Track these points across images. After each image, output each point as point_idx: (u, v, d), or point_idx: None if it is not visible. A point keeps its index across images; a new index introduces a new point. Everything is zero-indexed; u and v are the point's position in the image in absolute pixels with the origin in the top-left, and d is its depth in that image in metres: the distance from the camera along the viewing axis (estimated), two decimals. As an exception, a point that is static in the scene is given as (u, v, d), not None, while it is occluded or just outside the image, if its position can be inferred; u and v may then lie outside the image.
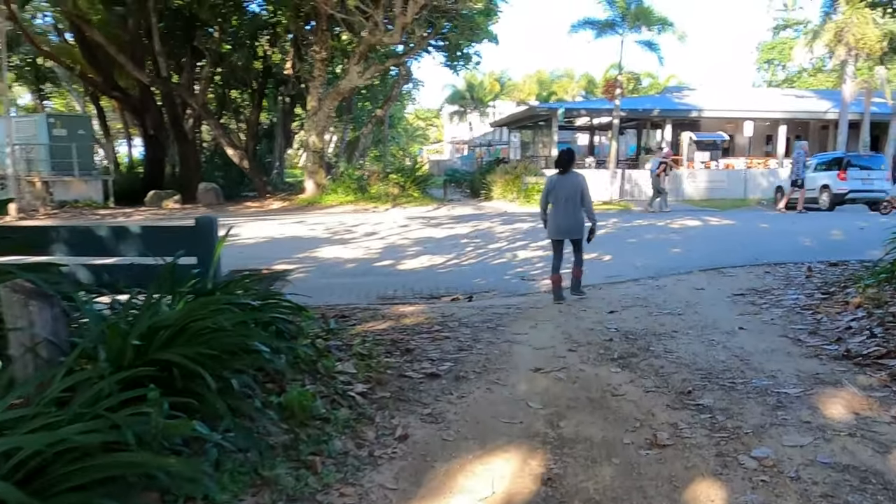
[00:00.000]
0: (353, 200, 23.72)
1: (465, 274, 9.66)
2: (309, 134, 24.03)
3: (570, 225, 7.55)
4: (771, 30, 60.55)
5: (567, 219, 7.52)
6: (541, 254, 11.34)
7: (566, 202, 7.46)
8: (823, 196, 21.18)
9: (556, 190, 7.53)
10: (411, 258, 11.03)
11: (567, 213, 7.50)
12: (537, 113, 29.68)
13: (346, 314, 6.35)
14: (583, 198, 7.49)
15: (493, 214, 19.47)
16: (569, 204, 7.46)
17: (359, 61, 21.94)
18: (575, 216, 7.53)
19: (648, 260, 10.73)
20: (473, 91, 67.26)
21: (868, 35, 24.32)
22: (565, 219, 7.52)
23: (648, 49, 26.04)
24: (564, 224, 7.54)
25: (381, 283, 8.87)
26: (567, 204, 7.46)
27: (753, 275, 9.02)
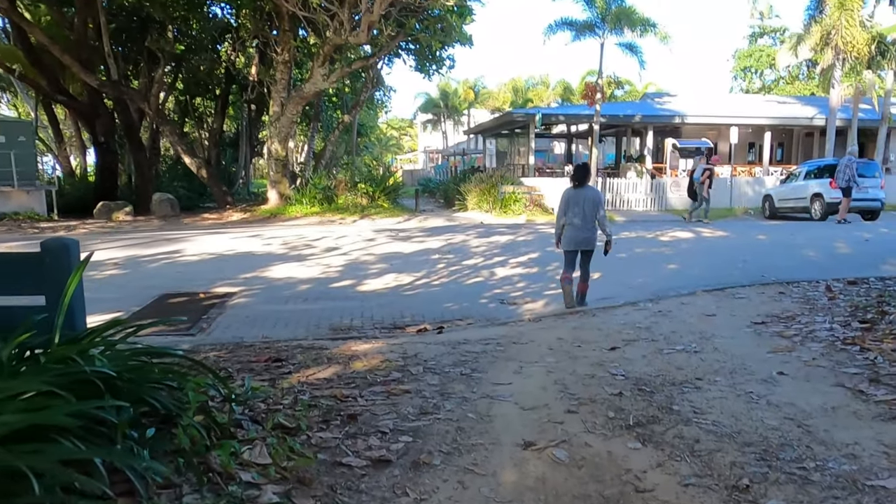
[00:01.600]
0: (318, 212, 22.44)
1: (436, 297, 8.43)
2: (271, 141, 22.68)
3: (585, 237, 7.77)
4: (747, 38, 60.82)
5: (582, 232, 7.74)
6: (521, 271, 10.16)
7: (582, 215, 7.68)
8: (815, 205, 20.31)
9: (572, 203, 7.75)
10: (375, 277, 9.78)
11: (583, 227, 7.72)
12: (513, 119, 28.63)
13: (281, 358, 5.08)
14: (598, 215, 7.72)
15: (467, 226, 18.28)
16: (585, 217, 7.69)
17: (323, 63, 20.67)
18: (590, 229, 7.76)
19: (643, 278, 9.60)
20: (447, 99, 66.42)
21: (856, 38, 23.59)
22: (581, 232, 7.74)
23: (629, 52, 25.12)
24: (580, 236, 7.76)
25: (337, 310, 7.61)
26: (583, 217, 7.69)
27: (767, 296, 7.90)
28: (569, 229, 7.79)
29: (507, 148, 40.91)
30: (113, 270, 10.32)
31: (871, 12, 24.96)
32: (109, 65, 22.24)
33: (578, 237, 7.76)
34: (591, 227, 7.76)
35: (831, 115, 25.16)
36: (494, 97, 68.36)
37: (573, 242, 7.79)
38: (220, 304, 7.90)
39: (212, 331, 6.64)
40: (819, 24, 25.74)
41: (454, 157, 51.95)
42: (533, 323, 6.81)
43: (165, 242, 13.77)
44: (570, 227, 7.78)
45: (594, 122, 24.53)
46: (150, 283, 9.21)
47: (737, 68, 60.21)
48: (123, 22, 24.27)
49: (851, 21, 23.79)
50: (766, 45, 58.90)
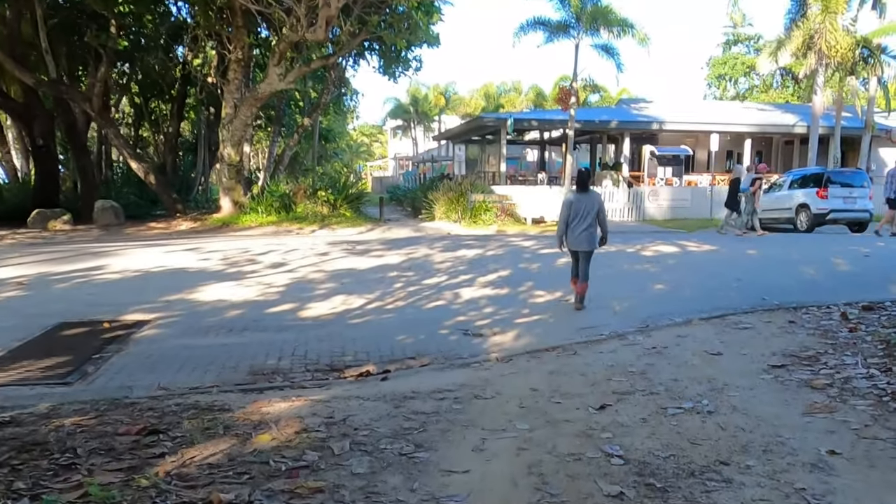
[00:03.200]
0: (275, 221, 21.08)
1: (388, 326, 7.18)
2: (224, 145, 21.25)
3: (586, 239, 8.17)
4: (721, 45, 60.68)
5: (584, 234, 8.16)
6: (489, 293, 8.96)
7: (585, 219, 8.13)
8: (801, 216, 19.44)
9: (574, 207, 8.20)
10: (320, 300, 8.51)
11: (585, 230, 8.15)
12: (484, 124, 27.52)
13: (160, 428, 3.80)
14: (599, 214, 8.18)
15: (433, 238, 17.06)
16: (587, 221, 8.13)
17: (279, 62, 19.33)
18: (591, 232, 8.18)
19: (629, 300, 8.45)
20: (418, 105, 65.38)
21: (840, 42, 22.88)
22: (582, 234, 8.16)
23: (605, 54, 24.19)
24: (581, 238, 8.18)
25: (265, 345, 6.33)
26: (585, 221, 8.13)
27: (775, 326, 6.80)
28: (571, 232, 8.27)
29: (477, 155, 39.84)
30: (12, 292, 8.92)
31: (855, 16, 24.31)
32: (48, 62, 20.70)
33: (580, 239, 8.21)
34: (591, 230, 8.19)
35: (814, 123, 24.41)
36: (466, 103, 67.49)
37: (575, 243, 8.27)
38: (125, 338, 6.58)
39: (97, 377, 5.32)
40: (800, 29, 25.06)
41: (424, 163, 50.83)
42: (501, 364, 5.60)
43: (90, 257, 12.33)
44: (572, 230, 8.25)
45: (569, 128, 23.51)
46: (51, 308, 7.84)
47: (711, 76, 59.99)
48: (67, 16, 22.73)
49: (835, 25, 23.08)
50: (741, 52, 58.78)
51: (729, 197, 17.99)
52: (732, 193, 17.82)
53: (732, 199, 17.82)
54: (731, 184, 18.15)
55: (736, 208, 17.82)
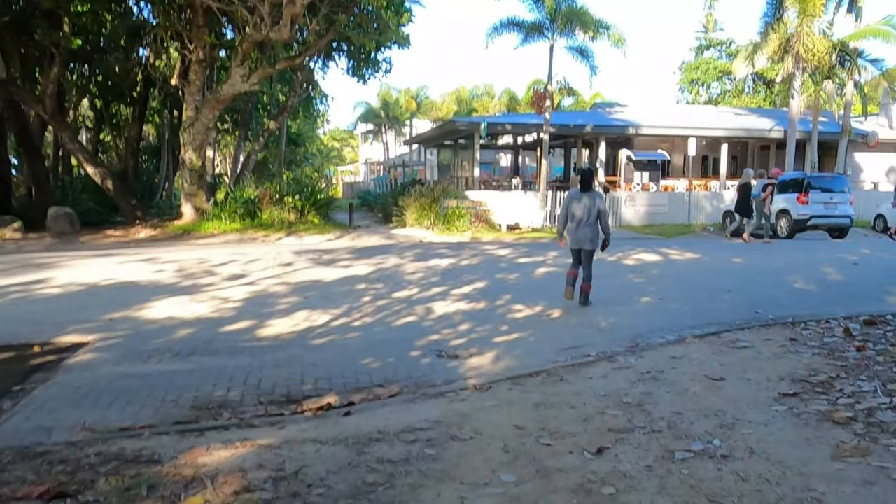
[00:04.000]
0: (239, 228, 20.32)
1: (353, 347, 6.56)
2: (185, 149, 20.44)
3: (588, 237, 8.33)
4: (693, 50, 60.92)
5: (586, 232, 8.32)
6: (464, 307, 8.37)
7: (586, 217, 8.28)
8: (782, 222, 19.15)
9: (576, 205, 8.35)
10: (281, 316, 7.85)
11: (586, 227, 8.31)
12: (457, 128, 26.99)
13: (69, 491, 3.14)
14: (600, 214, 8.33)
15: (404, 246, 16.44)
16: (589, 219, 8.29)
17: (242, 62, 18.59)
18: (593, 230, 8.34)
19: (615, 315, 7.92)
20: (389, 109, 64.79)
21: (817, 46, 22.71)
22: (585, 232, 8.33)
23: (580, 57, 23.76)
24: (583, 236, 8.34)
25: (214, 372, 5.67)
26: (587, 219, 8.29)
27: (776, 344, 6.30)
28: (573, 229, 8.43)
29: (450, 160, 39.27)
30: (-63, 310, 8.14)
31: (831, 20, 24.20)
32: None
33: (581, 236, 8.37)
34: (593, 229, 8.35)
35: (791, 127, 24.24)
36: (438, 108, 66.99)
37: (576, 241, 8.42)
38: (55, 364, 5.87)
39: (12, 416, 4.61)
40: (776, 33, 24.90)
41: (395, 168, 50.21)
42: (480, 393, 5.00)
43: (35, 269, 11.52)
44: (574, 228, 8.41)
45: (543, 132, 23.05)
46: (-23, 328, 7.09)
47: (683, 80, 60.09)
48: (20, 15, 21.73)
49: (811, 29, 22.92)
50: (713, 57, 59.03)
51: (738, 203, 17.39)
52: (744, 199, 17.18)
53: (744, 205, 17.17)
54: (740, 189, 17.48)
55: (749, 214, 17.22)
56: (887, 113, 30.54)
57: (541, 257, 13.16)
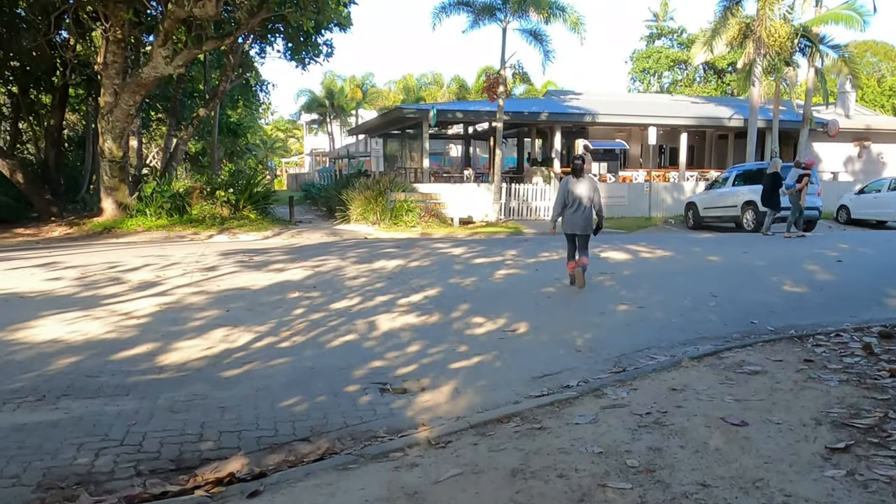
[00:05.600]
0: (166, 225, 18.74)
1: (276, 380, 5.31)
2: (104, 138, 18.71)
3: (583, 223, 8.66)
4: (644, 39, 60.77)
5: (581, 217, 8.67)
6: (414, 321, 7.19)
7: (581, 203, 8.64)
8: (748, 215, 18.47)
9: (571, 192, 8.70)
10: (192, 337, 6.55)
11: (581, 213, 8.66)
12: (404, 116, 25.69)
13: None
14: (594, 198, 8.71)
15: (347, 244, 15.16)
16: (583, 204, 8.64)
17: (165, 42, 16.98)
18: (587, 215, 8.68)
19: (591, 329, 6.84)
20: (333, 98, 63.03)
21: (779, 31, 22.11)
22: (580, 218, 8.67)
23: (534, 41, 22.71)
24: (579, 221, 8.68)
25: (86, 423, 4.38)
26: (581, 204, 8.64)
27: (790, 366, 5.31)
28: (568, 215, 8.80)
29: (398, 150, 37.96)
30: None
31: (792, 3, 23.67)
32: None
33: (577, 222, 8.74)
34: (587, 214, 8.74)
35: (752, 115, 23.65)
36: (384, 96, 65.52)
37: (572, 227, 8.78)
38: None
39: None
40: (735, 17, 24.30)
41: (341, 159, 48.70)
42: (437, 452, 3.84)
43: None
44: (568, 213, 8.79)
45: (497, 120, 21.94)
46: None
47: (635, 70, 59.92)
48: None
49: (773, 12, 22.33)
50: (664, 46, 58.94)
51: (765, 194, 16.40)
52: (772, 190, 16.21)
53: (771, 197, 16.21)
54: (768, 179, 16.41)
55: (777, 206, 16.30)
56: (844, 102, 30.35)
57: (499, 257, 12.04)
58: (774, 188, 16.14)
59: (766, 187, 16.32)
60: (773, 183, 16.16)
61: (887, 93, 54.50)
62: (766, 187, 16.32)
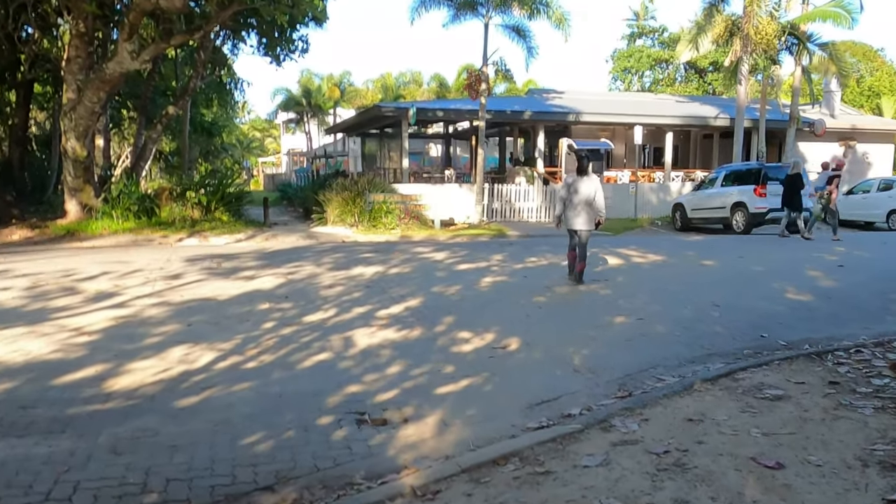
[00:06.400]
0: (133, 228, 17.94)
1: (236, 412, 4.68)
2: (67, 137, 17.89)
3: (584, 219, 9.08)
4: (625, 38, 60.53)
5: (582, 215, 9.08)
6: (394, 337, 6.60)
7: (583, 200, 9.05)
8: (737, 216, 18.07)
9: (573, 189, 9.14)
10: (148, 356, 5.91)
11: (582, 210, 9.07)
12: (382, 114, 25.04)
13: None
14: (595, 197, 9.11)
15: (324, 249, 14.52)
16: (585, 202, 9.06)
17: (130, 36, 16.21)
18: (588, 212, 9.09)
19: (588, 345, 6.29)
20: (310, 97, 62.18)
21: (766, 29, 21.77)
22: (581, 214, 9.09)
23: (517, 37, 22.21)
24: (579, 218, 9.09)
25: (8, 471, 3.73)
26: (583, 202, 9.06)
27: (815, 390, 4.81)
28: (569, 212, 9.14)
29: (376, 150, 37.30)
30: None
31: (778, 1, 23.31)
32: None
33: (577, 219, 9.07)
34: (589, 211, 9.06)
35: (739, 114, 23.28)
36: (362, 95, 64.81)
37: (573, 223, 9.12)
38: None
39: None
40: (721, 14, 23.96)
41: (318, 159, 47.93)
42: (423, 505, 3.25)
43: None
44: (570, 210, 9.12)
45: (479, 118, 21.39)
46: None
47: (616, 69, 59.65)
48: None
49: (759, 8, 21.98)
50: (645, 45, 58.77)
51: (787, 195, 15.83)
52: (794, 192, 15.67)
53: (794, 198, 15.67)
54: (790, 180, 15.86)
55: (799, 208, 15.80)
56: (829, 102, 30.16)
57: (484, 262, 11.47)
58: (795, 190, 15.70)
59: (787, 189, 15.88)
60: (795, 185, 15.73)
61: (867, 93, 54.65)
62: (787, 189, 15.88)
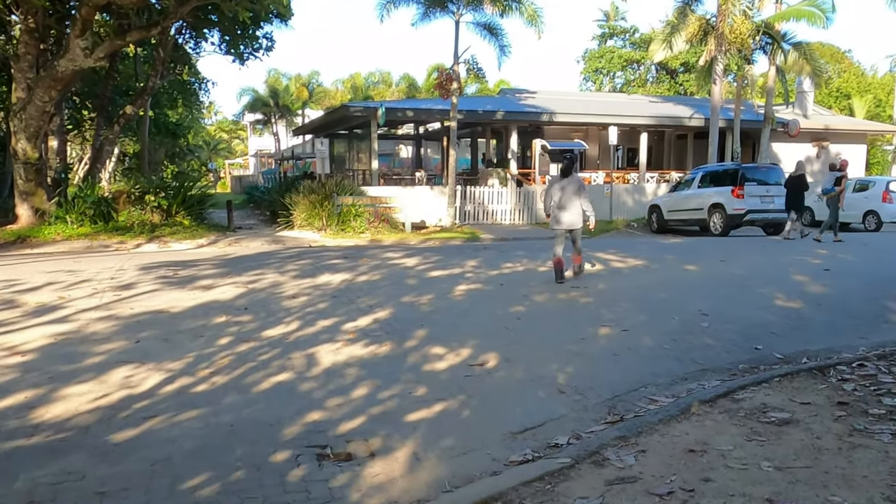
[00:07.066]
0: (89, 233, 17.19)
1: (179, 448, 4.14)
2: (16, 138, 17.07)
3: (572, 219, 9.37)
4: (596, 38, 60.53)
5: (570, 215, 9.36)
6: (362, 353, 6.10)
7: (570, 201, 9.31)
8: (715, 217, 17.82)
9: (558, 190, 9.41)
10: (87, 380, 5.35)
11: (570, 210, 9.34)
12: (351, 114, 24.46)
13: None
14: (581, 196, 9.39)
15: (289, 254, 13.94)
16: (571, 202, 9.32)
17: (83, 32, 15.50)
18: (576, 212, 9.36)
19: (572, 360, 5.85)
20: (278, 98, 61.35)
21: (740, 28, 21.60)
22: (569, 215, 9.35)
23: (488, 35, 21.81)
24: (567, 219, 9.37)
25: None
26: (570, 202, 9.32)
27: (823, 412, 4.41)
28: (557, 212, 9.35)
29: (345, 151, 36.68)
30: None
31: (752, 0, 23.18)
32: None
33: (566, 219, 9.31)
34: (576, 211, 9.31)
35: (714, 114, 23.10)
36: (331, 96, 64.26)
37: (560, 223, 9.35)
38: None
39: None
40: (694, 13, 23.80)
41: (286, 161, 47.16)
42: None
43: None
44: (558, 211, 9.34)
45: (451, 118, 20.93)
46: None
47: (587, 70, 59.58)
48: None
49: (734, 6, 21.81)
50: (616, 45, 58.80)
51: (790, 197, 15.76)
52: (797, 193, 15.62)
53: (797, 200, 15.63)
54: (792, 182, 15.83)
55: (801, 210, 15.85)
56: (802, 102, 30.18)
57: (457, 269, 10.98)
58: (799, 192, 15.59)
59: (790, 191, 15.76)
60: (798, 186, 15.61)
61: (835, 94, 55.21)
62: (790, 191, 15.76)
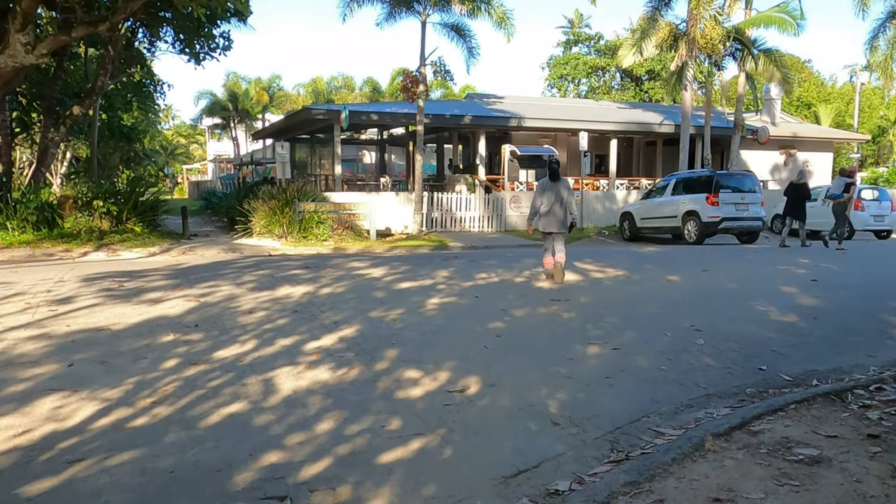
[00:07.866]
0: (31, 241, 16.27)
1: (111, 496, 3.47)
2: (-46, 139, 16.15)
3: (558, 222, 9.72)
4: (561, 45, 60.61)
5: (556, 218, 9.72)
6: (326, 378, 5.46)
7: (556, 204, 9.70)
8: (689, 225, 17.50)
9: (547, 193, 9.78)
10: (8, 413, 4.67)
11: (556, 213, 9.71)
12: (313, 117, 23.75)
13: None
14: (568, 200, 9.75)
15: (247, 264, 13.20)
16: (557, 205, 9.70)
17: (24, 27, 14.61)
18: (562, 215, 9.74)
19: (564, 383, 5.28)
20: (237, 101, 60.34)
21: (710, 34, 21.43)
22: (555, 217, 9.72)
23: (456, 37, 21.30)
24: (554, 221, 9.73)
25: None
26: (556, 205, 9.70)
27: (855, 447, 3.92)
28: (544, 216, 9.77)
29: (307, 156, 35.89)
30: None
31: (722, 5, 23.07)
32: None
33: (552, 222, 9.73)
34: (562, 214, 9.73)
35: (684, 121, 22.90)
36: (293, 100, 63.46)
37: (547, 226, 9.77)
38: None
39: None
40: (664, 19, 23.62)
41: (246, 166, 46.16)
42: None
43: None
44: (545, 214, 9.77)
45: (417, 122, 20.35)
46: None
47: (552, 76, 59.58)
48: None
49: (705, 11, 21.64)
50: (580, 52, 58.92)
51: (791, 204, 15.61)
52: (798, 200, 15.48)
53: (797, 207, 15.46)
54: (792, 189, 15.67)
55: (802, 216, 15.60)
56: (770, 109, 30.24)
57: (428, 280, 10.37)
58: (800, 199, 15.42)
59: (791, 198, 15.61)
60: (800, 194, 15.44)
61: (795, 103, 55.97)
62: (791, 198, 15.61)
